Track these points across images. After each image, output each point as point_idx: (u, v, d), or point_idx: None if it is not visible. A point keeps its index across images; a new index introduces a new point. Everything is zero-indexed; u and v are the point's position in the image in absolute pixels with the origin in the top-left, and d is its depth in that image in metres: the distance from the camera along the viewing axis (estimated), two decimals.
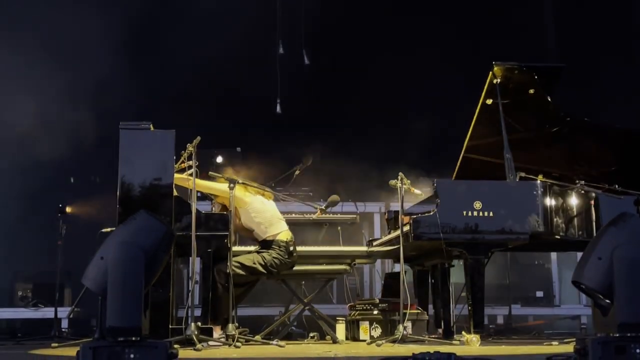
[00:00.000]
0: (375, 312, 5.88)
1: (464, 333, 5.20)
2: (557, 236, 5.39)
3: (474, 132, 5.86)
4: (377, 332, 5.82)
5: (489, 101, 5.69)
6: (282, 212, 6.14)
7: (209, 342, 4.92)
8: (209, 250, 5.30)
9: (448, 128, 7.98)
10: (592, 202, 5.53)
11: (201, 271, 5.76)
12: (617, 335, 3.38)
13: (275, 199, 6.15)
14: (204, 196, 6.47)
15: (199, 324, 4.95)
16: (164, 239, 3.80)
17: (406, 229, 5.33)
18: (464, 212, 5.24)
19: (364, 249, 6.39)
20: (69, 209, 7.20)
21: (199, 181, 5.39)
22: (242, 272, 5.62)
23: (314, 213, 6.28)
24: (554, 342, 5.11)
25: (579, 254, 4.66)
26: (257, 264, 5.71)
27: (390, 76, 8.68)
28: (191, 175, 5.17)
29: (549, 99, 5.77)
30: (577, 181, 5.56)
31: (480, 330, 5.20)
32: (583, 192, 5.53)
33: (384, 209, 7.83)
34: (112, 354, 3.33)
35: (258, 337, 5.48)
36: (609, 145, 6.09)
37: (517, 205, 5.32)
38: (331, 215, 6.70)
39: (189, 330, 4.77)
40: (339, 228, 6.82)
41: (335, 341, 5.78)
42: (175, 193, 5.28)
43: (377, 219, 8.06)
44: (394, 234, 5.84)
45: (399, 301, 5.25)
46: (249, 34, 8.27)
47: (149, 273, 3.64)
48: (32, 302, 7.54)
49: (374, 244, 6.32)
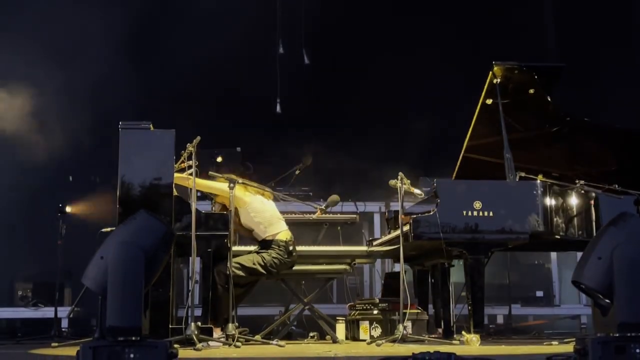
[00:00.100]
0: (375, 311, 5.87)
1: (463, 333, 5.20)
2: (557, 236, 5.40)
3: (473, 132, 5.87)
4: (377, 331, 5.82)
5: (489, 101, 5.69)
6: (282, 212, 6.12)
7: (209, 342, 4.91)
8: (209, 250, 5.30)
9: (448, 128, 7.98)
10: (592, 202, 5.54)
11: (201, 271, 5.75)
12: (617, 335, 3.38)
13: (275, 199, 6.15)
14: (204, 196, 6.47)
15: (199, 323, 4.95)
16: (164, 238, 3.81)
17: (406, 228, 5.33)
18: (464, 212, 5.25)
19: (364, 248, 6.39)
20: (68, 209, 7.19)
21: (199, 181, 5.39)
22: (242, 273, 5.62)
23: (314, 213, 6.27)
24: (554, 342, 5.10)
25: (579, 254, 4.66)
26: (256, 265, 5.70)
27: (390, 76, 8.67)
28: (191, 174, 5.18)
29: (549, 99, 5.77)
30: (577, 181, 5.56)
31: (480, 330, 5.21)
32: (583, 192, 5.53)
33: (384, 209, 7.82)
34: (112, 353, 3.33)
35: (258, 337, 5.48)
36: (609, 145, 6.09)
37: (517, 205, 5.32)
38: (331, 215, 6.69)
39: (189, 330, 4.76)
40: (338, 228, 6.80)
41: (335, 341, 5.78)
42: (175, 193, 5.28)
43: (377, 218, 8.04)
44: (394, 234, 5.84)
45: (399, 301, 5.25)
46: (249, 34, 8.27)
47: (149, 273, 3.65)
48: (32, 301, 7.53)
49: (374, 243, 6.32)
